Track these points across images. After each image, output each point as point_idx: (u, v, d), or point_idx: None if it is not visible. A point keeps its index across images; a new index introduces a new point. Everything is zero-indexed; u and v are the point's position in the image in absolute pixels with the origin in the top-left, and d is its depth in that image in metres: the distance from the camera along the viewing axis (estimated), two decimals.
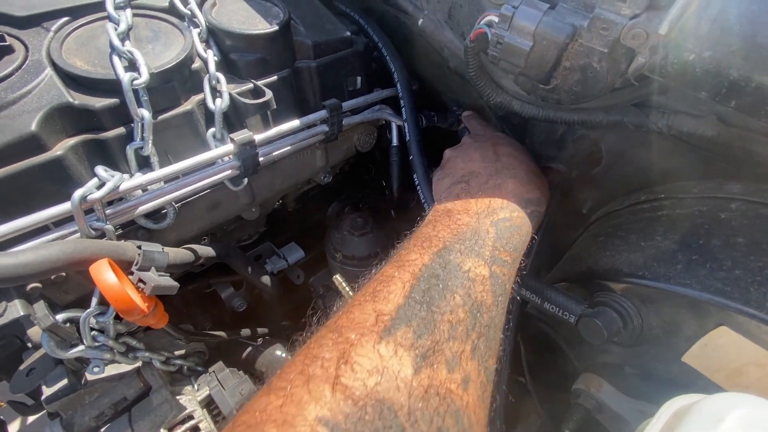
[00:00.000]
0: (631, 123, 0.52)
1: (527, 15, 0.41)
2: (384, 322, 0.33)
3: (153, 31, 0.58)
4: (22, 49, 0.53)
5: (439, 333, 0.33)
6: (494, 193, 0.49)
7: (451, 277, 0.38)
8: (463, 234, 0.43)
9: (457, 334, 0.34)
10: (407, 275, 0.38)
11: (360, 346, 0.31)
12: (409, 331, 0.33)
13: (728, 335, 0.36)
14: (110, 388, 0.62)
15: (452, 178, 0.57)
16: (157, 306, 0.51)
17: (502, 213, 0.47)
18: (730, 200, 0.45)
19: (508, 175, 0.53)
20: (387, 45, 0.76)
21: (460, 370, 0.33)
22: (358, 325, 0.33)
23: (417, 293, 0.36)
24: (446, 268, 0.38)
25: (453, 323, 0.34)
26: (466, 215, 0.45)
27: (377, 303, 0.35)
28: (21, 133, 0.47)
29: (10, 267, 0.39)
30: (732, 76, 0.35)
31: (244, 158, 0.59)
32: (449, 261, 0.39)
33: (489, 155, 0.58)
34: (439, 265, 0.39)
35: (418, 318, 0.34)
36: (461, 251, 0.41)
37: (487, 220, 0.45)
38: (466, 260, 0.40)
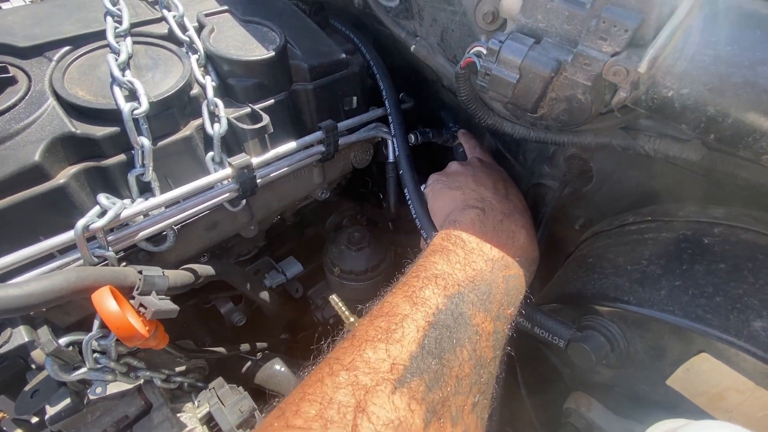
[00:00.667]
0: (619, 145, 0.54)
1: (513, 49, 0.42)
2: (399, 371, 0.34)
3: (152, 59, 0.60)
4: (25, 79, 0.55)
5: (447, 387, 0.35)
6: (508, 242, 0.50)
7: (461, 330, 0.39)
8: (477, 283, 0.44)
9: (461, 389, 0.36)
10: (421, 318, 0.39)
11: (375, 394, 0.32)
12: (422, 384, 0.34)
13: (709, 361, 0.37)
14: (112, 407, 0.64)
15: (463, 195, 0.58)
16: (157, 329, 0.52)
17: (514, 269, 0.48)
18: (713, 225, 0.46)
19: (520, 224, 0.54)
20: (378, 64, 0.77)
21: (462, 423, 0.35)
22: (373, 370, 0.34)
23: (430, 342, 0.37)
24: (457, 320, 0.40)
25: (459, 378, 0.36)
26: (482, 260, 0.47)
27: (390, 344, 0.36)
28: (25, 163, 0.48)
29: (17, 298, 0.40)
30: (709, 112, 0.36)
31: (243, 181, 0.61)
32: (462, 313, 0.40)
33: (500, 189, 0.60)
34: (452, 314, 0.40)
35: (430, 371, 0.35)
36: (473, 303, 0.42)
37: (500, 273, 0.46)
38: (476, 314, 0.41)
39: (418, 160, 0.78)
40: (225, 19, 0.69)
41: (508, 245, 0.50)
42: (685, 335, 0.39)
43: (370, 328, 0.39)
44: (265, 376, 0.83)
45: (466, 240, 0.49)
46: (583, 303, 0.47)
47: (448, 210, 0.57)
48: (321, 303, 1.04)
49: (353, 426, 0.30)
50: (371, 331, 0.38)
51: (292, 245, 1.04)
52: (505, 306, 0.45)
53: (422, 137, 0.77)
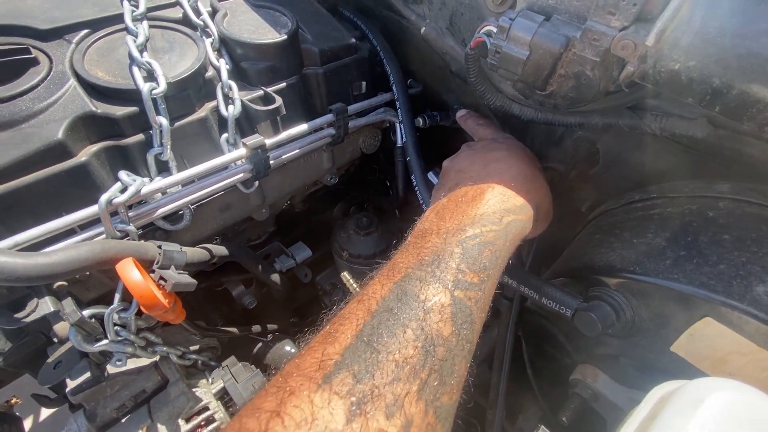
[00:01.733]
0: (626, 125, 0.55)
1: (524, 26, 0.44)
2: (325, 367, 0.31)
3: (168, 42, 0.61)
4: (46, 60, 0.56)
5: (381, 376, 0.31)
6: (470, 206, 0.46)
7: (404, 310, 0.35)
8: (425, 259, 0.40)
9: (402, 375, 0.32)
10: (362, 311, 0.36)
11: (296, 395, 0.30)
12: (348, 376, 0.31)
13: (713, 326, 0.38)
14: (130, 381, 0.66)
15: (443, 189, 0.54)
16: (176, 302, 0.54)
17: (471, 230, 0.43)
18: (718, 199, 0.47)
19: (492, 181, 0.50)
20: (385, 50, 0.78)
21: (401, 415, 0.30)
22: (302, 372, 0.31)
23: (366, 331, 0.34)
24: (402, 300, 0.36)
25: (399, 362, 0.32)
26: (434, 235, 0.43)
27: (328, 345, 0.33)
28: (48, 141, 0.50)
29: (45, 266, 0.42)
30: (714, 84, 0.37)
31: (256, 162, 0.62)
32: (406, 291, 0.37)
33: (478, 161, 0.56)
34: (396, 296, 0.36)
35: (361, 360, 0.32)
36: (420, 278, 0.38)
37: (453, 239, 0.42)
38: (424, 288, 0.37)
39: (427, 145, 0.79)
40: (238, 4, 0.70)
41: (468, 211, 0.45)
42: (689, 302, 0.40)
43: (315, 337, 0.36)
44: (276, 356, 0.85)
45: (427, 228, 0.45)
46: (590, 275, 0.48)
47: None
48: (329, 288, 1.06)
49: (265, 430, 0.28)
50: (314, 340, 0.36)
51: (300, 232, 1.06)
52: (465, 272, 0.39)
53: (430, 120, 0.78)
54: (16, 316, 0.48)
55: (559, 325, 0.60)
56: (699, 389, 0.32)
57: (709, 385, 0.32)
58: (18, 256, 0.41)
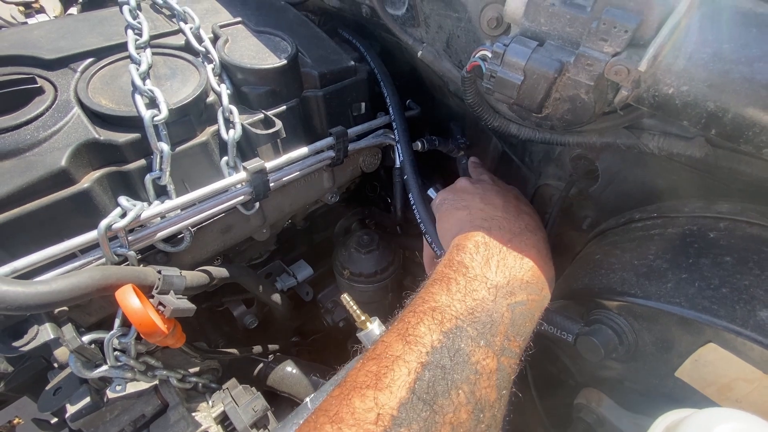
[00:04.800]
0: (624, 144, 0.55)
1: (517, 52, 0.44)
2: (385, 422, 0.32)
3: (171, 69, 0.63)
4: (51, 89, 0.58)
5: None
6: (515, 265, 0.46)
7: (457, 370, 0.36)
8: (477, 315, 0.40)
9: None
10: (413, 360, 0.36)
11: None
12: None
13: (717, 351, 0.38)
14: (130, 406, 0.65)
15: (470, 215, 0.54)
16: (175, 327, 0.54)
17: (520, 295, 0.44)
18: (718, 219, 0.47)
19: (531, 243, 0.50)
20: (383, 72, 0.80)
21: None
22: (358, 422, 0.32)
23: (421, 387, 0.34)
24: (454, 359, 0.37)
25: (454, 425, 0.34)
26: (484, 287, 0.43)
27: (379, 391, 0.34)
28: (52, 168, 0.51)
29: (46, 294, 0.42)
30: (709, 108, 0.38)
31: (256, 185, 0.63)
32: (459, 349, 0.37)
33: (511, 208, 0.56)
34: (448, 352, 0.37)
35: (420, 419, 0.33)
36: (472, 337, 0.38)
37: (504, 301, 0.42)
38: (476, 350, 0.38)
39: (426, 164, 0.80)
40: (239, 30, 0.72)
41: (515, 268, 0.46)
42: (693, 327, 0.40)
43: (360, 374, 0.36)
44: (278, 377, 0.84)
45: (468, 266, 0.45)
46: (591, 298, 0.47)
47: (455, 232, 0.53)
48: (331, 306, 1.05)
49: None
50: (361, 377, 0.36)
51: (302, 250, 1.06)
52: (511, 338, 0.41)
53: (428, 144, 0.78)
54: (15, 344, 0.48)
55: (563, 346, 0.59)
56: (706, 420, 0.31)
57: (716, 416, 0.31)
58: (19, 284, 0.42)
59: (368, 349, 0.40)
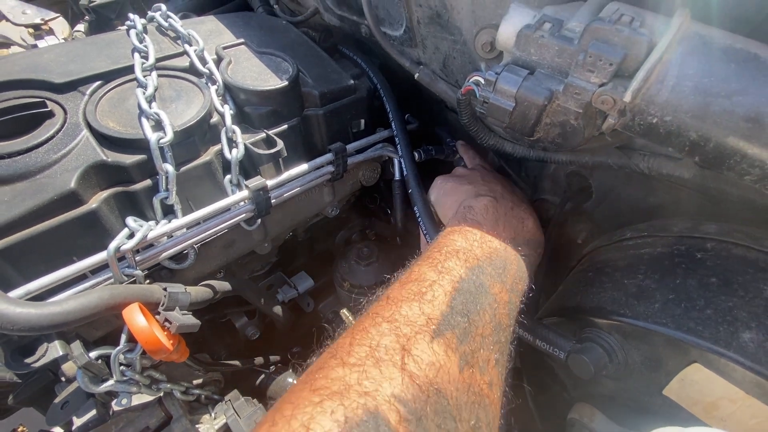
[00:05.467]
0: (615, 164, 0.56)
1: (509, 80, 0.46)
2: (434, 324, 0.39)
3: (176, 91, 0.65)
4: (61, 112, 0.60)
5: (474, 342, 0.41)
6: (518, 226, 0.58)
7: (481, 297, 0.45)
8: (494, 259, 0.50)
9: (486, 345, 0.42)
10: (447, 284, 0.44)
11: (416, 341, 0.37)
12: (454, 337, 0.39)
13: (702, 372, 0.39)
14: (134, 418, 0.67)
15: (474, 187, 0.64)
16: (180, 342, 0.56)
17: (525, 249, 0.55)
18: (706, 240, 0.48)
19: (528, 212, 0.62)
20: (384, 87, 0.81)
21: (488, 374, 0.40)
22: (411, 322, 0.39)
23: (457, 304, 0.42)
24: (478, 289, 0.45)
25: (484, 336, 0.42)
26: (497, 239, 0.53)
27: (423, 304, 0.41)
28: (62, 190, 0.53)
29: (57, 315, 0.44)
30: (692, 137, 0.39)
31: (258, 202, 0.64)
32: (482, 283, 0.46)
33: (507, 186, 0.67)
34: (473, 283, 0.45)
35: (460, 327, 0.40)
36: (491, 275, 0.47)
37: (513, 252, 0.53)
38: (494, 284, 0.47)
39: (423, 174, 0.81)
40: (241, 51, 0.74)
41: (518, 228, 0.58)
42: (680, 346, 0.41)
43: (402, 290, 0.44)
44: (278, 389, 0.86)
45: (481, 222, 0.55)
46: (583, 316, 0.49)
47: (461, 199, 0.63)
48: (332, 317, 1.07)
49: (402, 364, 0.35)
50: (404, 293, 0.43)
51: (303, 260, 1.08)
52: (517, 281, 0.51)
53: (425, 155, 0.80)
54: (27, 361, 0.50)
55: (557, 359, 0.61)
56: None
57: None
58: (32, 306, 0.44)
59: (399, 276, 0.48)
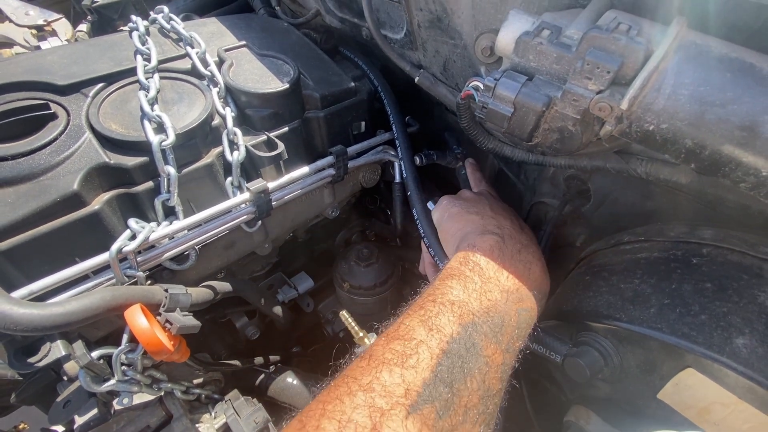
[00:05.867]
0: (613, 168, 0.57)
1: (507, 86, 0.46)
2: (412, 397, 0.37)
3: (178, 93, 0.65)
4: (64, 114, 0.60)
5: (456, 416, 0.38)
6: (524, 273, 0.51)
7: (472, 360, 0.41)
8: (491, 315, 0.45)
9: (469, 418, 0.39)
10: (435, 346, 0.41)
11: (390, 417, 0.35)
12: (433, 411, 0.37)
13: (695, 376, 0.39)
14: (135, 417, 0.67)
15: (482, 219, 0.58)
16: (180, 343, 0.56)
17: (527, 302, 0.49)
18: (702, 245, 0.48)
19: (537, 256, 0.56)
20: (385, 89, 0.82)
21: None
22: (389, 393, 0.37)
23: (442, 370, 0.39)
24: (470, 350, 0.42)
25: (468, 407, 0.39)
26: (498, 290, 0.48)
27: (405, 369, 0.39)
28: (65, 192, 0.53)
29: (60, 315, 0.45)
30: (687, 144, 0.40)
31: (259, 204, 0.65)
32: (474, 343, 0.42)
33: (516, 222, 0.61)
34: (465, 344, 0.42)
35: (442, 399, 0.38)
36: (486, 334, 0.44)
37: (514, 306, 0.48)
38: (488, 345, 0.43)
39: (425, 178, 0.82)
40: (243, 53, 0.74)
41: (524, 276, 0.51)
42: (674, 351, 0.41)
43: (386, 350, 0.41)
44: (278, 388, 0.86)
45: (483, 267, 0.50)
46: (579, 320, 0.49)
47: (465, 232, 0.57)
48: (331, 317, 1.07)
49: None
50: (387, 354, 0.40)
51: (303, 261, 1.08)
52: (514, 339, 0.46)
53: (426, 159, 0.81)
54: (30, 360, 0.50)
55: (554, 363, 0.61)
56: None
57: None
58: (34, 307, 0.44)
59: (388, 327, 0.45)
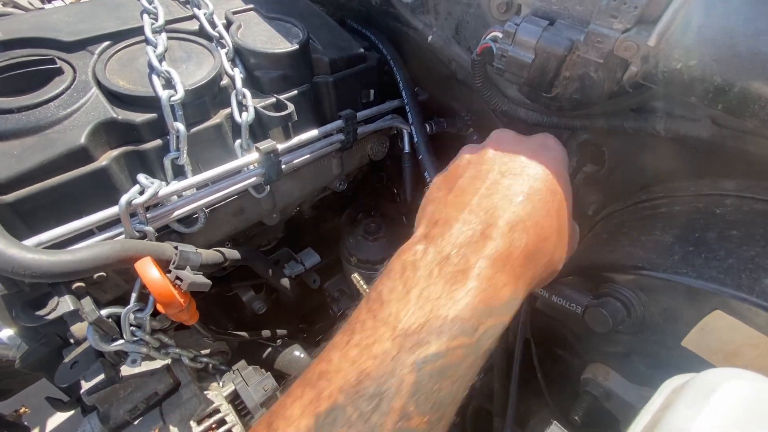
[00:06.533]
0: (631, 127, 0.56)
1: (529, 31, 0.45)
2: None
3: (186, 53, 0.64)
4: (70, 70, 0.59)
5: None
6: (446, 292, 0.32)
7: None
8: (365, 386, 0.29)
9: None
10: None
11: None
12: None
13: (723, 319, 0.39)
14: (143, 384, 0.66)
15: (426, 215, 0.39)
16: (191, 303, 0.55)
17: (435, 345, 0.30)
18: (724, 197, 0.48)
19: (491, 246, 0.34)
20: (395, 58, 0.81)
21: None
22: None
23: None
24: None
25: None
26: (390, 336, 0.30)
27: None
28: (71, 145, 0.52)
29: (70, 263, 0.43)
30: (716, 82, 0.39)
31: (268, 166, 0.64)
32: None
33: (483, 186, 0.38)
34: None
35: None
36: (351, 422, 0.28)
37: (408, 358, 0.29)
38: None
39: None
40: (251, 16, 0.73)
41: (441, 300, 0.31)
42: (700, 296, 0.41)
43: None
44: (285, 361, 0.86)
45: (385, 301, 0.33)
46: (598, 272, 0.48)
47: (435, 217, 0.38)
48: (337, 295, 1.07)
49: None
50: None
51: (309, 240, 1.07)
52: (411, 413, 0.28)
53: (437, 127, 0.79)
54: (38, 313, 0.49)
55: (568, 325, 0.60)
56: (711, 379, 0.32)
57: (722, 375, 0.32)
58: (44, 253, 0.43)
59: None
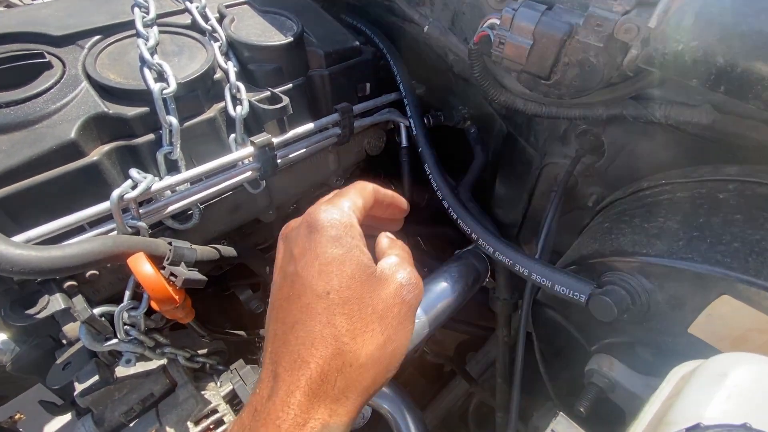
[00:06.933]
0: (630, 115, 0.55)
1: (527, 16, 0.45)
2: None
3: (178, 46, 0.63)
4: (59, 65, 0.58)
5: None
6: (282, 398, 0.28)
7: None
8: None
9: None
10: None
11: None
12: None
13: (730, 303, 0.38)
14: (138, 385, 0.65)
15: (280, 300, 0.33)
16: (186, 300, 0.54)
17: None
18: (727, 182, 0.47)
19: (323, 326, 0.29)
20: (391, 51, 0.80)
21: None
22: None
23: None
24: None
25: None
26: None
27: None
28: (61, 140, 0.51)
29: (59, 258, 0.42)
30: (719, 63, 0.38)
31: (264, 160, 0.63)
32: None
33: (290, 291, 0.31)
34: None
35: None
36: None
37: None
38: None
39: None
40: (244, 9, 0.72)
41: (287, 389, 0.28)
42: (706, 281, 0.40)
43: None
44: None
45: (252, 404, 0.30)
46: (601, 260, 0.48)
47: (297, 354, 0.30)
48: None
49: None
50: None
51: None
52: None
53: (434, 120, 0.79)
54: (28, 312, 0.48)
55: (570, 317, 0.59)
56: (721, 364, 0.32)
57: (731, 359, 0.32)
58: (32, 249, 0.42)
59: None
